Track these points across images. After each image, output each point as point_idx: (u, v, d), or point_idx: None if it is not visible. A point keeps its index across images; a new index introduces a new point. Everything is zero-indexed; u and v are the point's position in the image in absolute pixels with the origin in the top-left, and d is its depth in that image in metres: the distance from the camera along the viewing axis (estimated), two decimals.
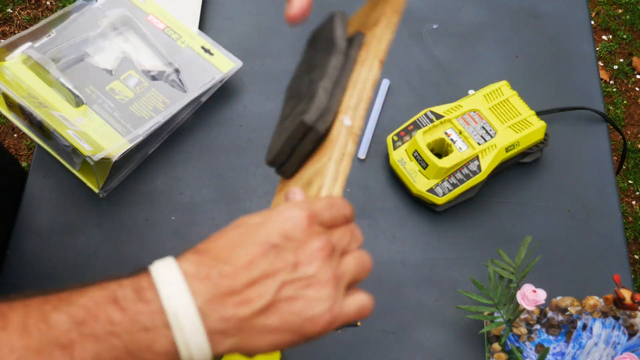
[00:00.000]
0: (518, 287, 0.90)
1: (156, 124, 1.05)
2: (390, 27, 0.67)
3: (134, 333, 0.46)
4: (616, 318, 0.94)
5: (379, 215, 1.05)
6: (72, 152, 1.01)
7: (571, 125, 1.15)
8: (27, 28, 1.13)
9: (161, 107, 1.07)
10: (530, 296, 0.89)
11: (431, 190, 1.02)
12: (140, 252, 1.00)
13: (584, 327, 0.94)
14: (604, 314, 0.94)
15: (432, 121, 1.05)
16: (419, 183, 1.02)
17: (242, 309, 0.47)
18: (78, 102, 1.06)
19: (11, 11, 2.27)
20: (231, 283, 0.47)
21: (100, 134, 1.03)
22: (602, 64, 2.30)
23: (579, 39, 1.24)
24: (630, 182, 2.09)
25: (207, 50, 1.12)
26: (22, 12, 2.28)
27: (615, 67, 2.29)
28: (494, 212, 1.06)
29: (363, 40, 0.66)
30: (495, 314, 0.92)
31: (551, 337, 0.95)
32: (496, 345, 0.92)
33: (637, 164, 2.13)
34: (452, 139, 1.03)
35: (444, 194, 1.02)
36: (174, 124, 1.09)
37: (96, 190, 1.04)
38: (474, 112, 1.06)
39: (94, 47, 1.11)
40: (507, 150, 1.04)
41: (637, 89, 2.27)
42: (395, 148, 1.05)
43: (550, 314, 0.95)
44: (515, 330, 0.94)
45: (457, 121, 1.05)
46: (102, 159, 1.00)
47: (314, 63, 0.66)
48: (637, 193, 2.08)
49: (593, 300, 0.94)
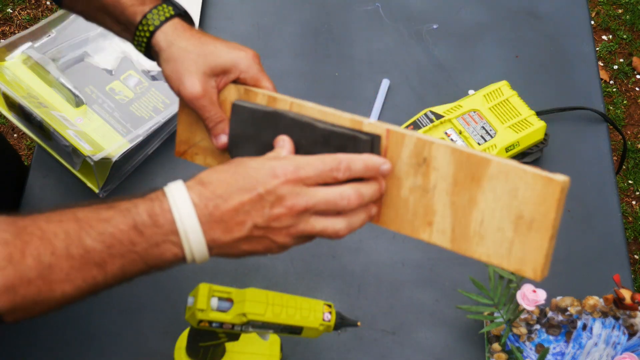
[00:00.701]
0: (518, 287, 0.90)
1: (156, 124, 1.05)
2: None
3: (149, 249, 0.60)
4: (616, 318, 0.94)
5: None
6: (72, 152, 1.01)
7: (571, 125, 1.15)
8: (27, 28, 1.13)
9: (161, 107, 1.07)
10: (530, 296, 0.89)
11: None
12: None
13: (584, 327, 0.94)
14: (604, 314, 0.94)
15: (432, 121, 1.05)
16: None
17: (225, 236, 0.61)
18: (78, 102, 1.06)
19: (11, 11, 2.27)
20: (221, 215, 0.61)
21: (100, 134, 1.03)
22: (602, 64, 2.30)
23: (579, 39, 1.24)
24: (630, 182, 2.09)
25: None
26: (22, 12, 2.28)
27: (615, 67, 2.29)
28: None
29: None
30: (495, 314, 0.92)
31: (551, 337, 0.95)
32: (496, 345, 0.92)
33: (637, 164, 2.13)
34: (452, 139, 1.03)
35: None
36: (174, 124, 1.09)
37: (96, 190, 1.04)
38: (474, 112, 1.06)
39: (94, 47, 1.11)
40: (507, 150, 1.04)
41: (637, 89, 2.27)
42: None
43: (550, 314, 0.95)
44: (515, 330, 0.94)
45: (457, 121, 1.05)
46: (102, 159, 1.00)
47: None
48: (637, 193, 2.08)
49: (593, 300, 0.94)
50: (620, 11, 2.40)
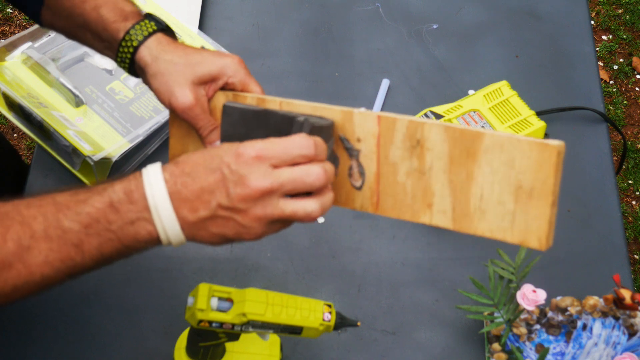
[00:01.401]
0: (518, 287, 0.90)
1: (156, 124, 1.05)
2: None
3: (124, 227, 0.61)
4: (616, 318, 0.94)
5: (379, 215, 1.05)
6: (72, 152, 1.01)
7: (571, 125, 1.15)
8: (27, 28, 1.13)
9: (161, 107, 1.07)
10: (530, 296, 0.89)
11: None
12: None
13: (584, 327, 0.94)
14: (604, 314, 0.94)
15: None
16: None
17: (192, 215, 0.61)
18: (78, 102, 1.06)
19: (11, 11, 2.27)
20: (188, 194, 0.61)
21: (100, 134, 1.03)
22: (602, 64, 2.30)
23: (579, 39, 1.24)
24: (630, 182, 2.09)
25: None
26: (22, 12, 2.28)
27: (615, 67, 2.29)
28: None
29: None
30: (495, 314, 0.92)
31: (551, 337, 0.95)
32: (496, 345, 0.92)
33: (637, 164, 2.13)
34: None
35: None
36: None
37: None
38: (474, 112, 1.06)
39: None
40: None
41: (637, 89, 2.27)
42: None
43: (550, 314, 0.95)
44: (515, 330, 0.94)
45: (457, 121, 1.05)
46: (102, 159, 1.00)
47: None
48: (637, 193, 2.08)
49: (593, 300, 0.94)
50: (620, 11, 2.40)
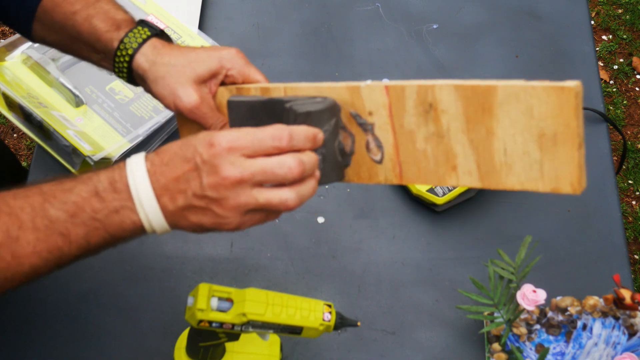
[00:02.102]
0: (518, 287, 0.90)
1: (156, 124, 1.05)
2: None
3: (109, 215, 0.61)
4: (616, 318, 0.94)
5: (379, 215, 1.05)
6: (72, 152, 1.01)
7: None
8: None
9: (161, 107, 1.06)
10: (530, 296, 0.89)
11: (431, 190, 1.02)
12: (139, 251, 1.00)
13: (584, 327, 0.94)
14: (604, 314, 0.94)
15: None
16: None
17: (171, 203, 0.61)
18: (78, 102, 1.06)
19: None
20: (166, 183, 0.61)
21: (100, 134, 1.03)
22: (602, 64, 2.30)
23: (579, 39, 1.24)
24: (630, 182, 2.09)
25: None
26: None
27: (615, 67, 2.29)
28: (494, 212, 1.06)
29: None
30: (495, 314, 0.92)
31: (551, 337, 0.95)
32: (496, 345, 0.92)
33: (637, 164, 2.13)
34: None
35: (444, 193, 1.02)
36: (174, 124, 1.09)
37: None
38: None
39: None
40: None
41: (637, 89, 2.27)
42: None
43: (550, 314, 0.95)
44: (515, 330, 0.94)
45: None
46: (102, 159, 1.00)
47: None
48: (637, 193, 2.08)
49: (593, 300, 0.94)
50: (620, 11, 2.40)
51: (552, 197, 1.08)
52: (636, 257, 1.97)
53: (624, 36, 2.34)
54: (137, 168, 0.61)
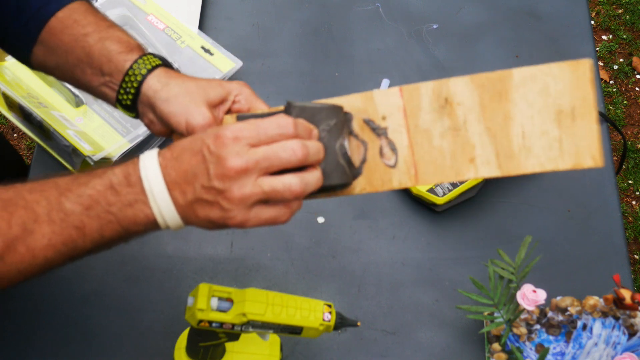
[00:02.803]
0: (518, 287, 0.90)
1: None
2: None
3: (123, 209, 0.62)
4: (616, 318, 0.94)
5: (379, 216, 1.05)
6: (72, 152, 1.01)
7: None
8: None
9: None
10: (530, 296, 0.89)
11: (431, 190, 1.02)
12: (139, 251, 1.00)
13: (584, 327, 0.94)
14: (604, 314, 0.94)
15: None
16: None
17: (181, 197, 0.62)
18: (78, 102, 1.06)
19: None
20: (176, 176, 0.62)
21: (100, 134, 1.03)
22: (602, 64, 2.30)
23: (579, 39, 1.24)
24: (630, 182, 2.09)
25: (207, 50, 1.12)
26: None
27: (615, 67, 2.29)
28: (494, 212, 1.06)
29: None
30: (495, 314, 0.92)
31: (551, 337, 0.95)
32: (496, 345, 0.92)
33: (637, 164, 2.13)
34: None
35: (444, 194, 1.02)
36: None
37: None
38: None
39: None
40: None
41: (637, 89, 2.27)
42: None
43: (550, 314, 0.95)
44: (515, 330, 0.94)
45: None
46: (102, 159, 1.00)
47: None
48: (637, 193, 2.08)
49: (593, 300, 0.94)
50: (620, 11, 2.40)
51: (552, 197, 1.08)
52: (636, 257, 1.97)
53: (624, 36, 2.34)
54: (149, 162, 0.63)
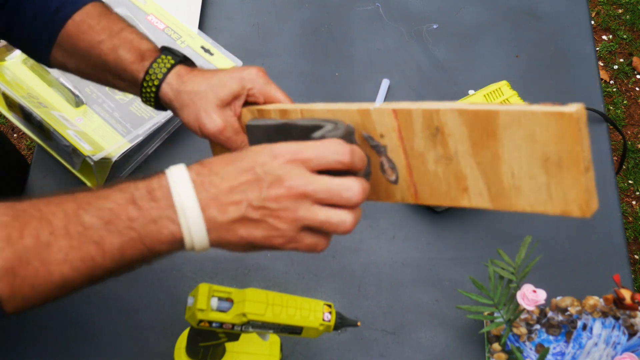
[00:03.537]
0: (518, 287, 0.90)
1: (156, 124, 1.05)
2: None
3: (146, 226, 0.58)
4: (616, 318, 0.94)
5: (379, 215, 1.05)
6: (72, 152, 1.01)
7: None
8: None
9: None
10: (530, 296, 0.89)
11: None
12: None
13: (584, 327, 0.94)
14: (604, 314, 0.94)
15: None
16: None
17: (221, 215, 0.58)
18: (78, 102, 1.06)
19: None
20: (217, 193, 0.58)
21: (100, 134, 1.03)
22: (602, 64, 2.30)
23: (579, 39, 1.24)
24: (630, 182, 2.09)
25: (207, 50, 1.12)
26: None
27: (615, 67, 2.29)
28: (494, 212, 1.06)
29: None
30: (495, 314, 0.92)
31: (551, 337, 0.95)
32: (496, 345, 0.92)
33: (637, 164, 2.13)
34: None
35: None
36: (174, 124, 1.09)
37: None
38: None
39: None
40: None
41: (637, 89, 2.27)
42: None
43: (550, 314, 0.95)
44: (515, 330, 0.94)
45: None
46: (102, 158, 1.00)
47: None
48: (637, 193, 2.08)
49: (593, 300, 0.94)
50: (620, 11, 2.40)
51: None
52: (636, 257, 1.97)
53: (624, 36, 2.34)
54: (180, 177, 0.59)
